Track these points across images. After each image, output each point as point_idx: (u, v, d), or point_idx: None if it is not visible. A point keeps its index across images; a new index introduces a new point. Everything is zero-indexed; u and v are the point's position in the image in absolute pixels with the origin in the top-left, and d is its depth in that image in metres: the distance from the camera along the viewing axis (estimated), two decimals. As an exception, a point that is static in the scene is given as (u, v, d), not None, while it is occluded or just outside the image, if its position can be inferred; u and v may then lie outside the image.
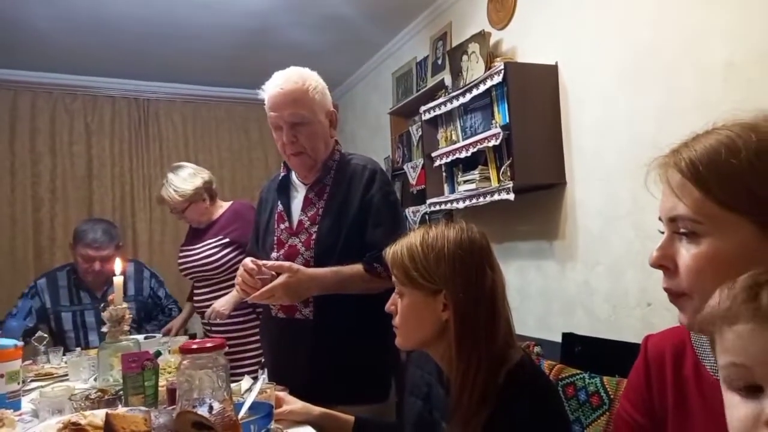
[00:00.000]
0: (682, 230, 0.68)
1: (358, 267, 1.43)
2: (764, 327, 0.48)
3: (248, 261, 1.42)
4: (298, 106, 1.48)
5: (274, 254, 1.54)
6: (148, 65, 3.80)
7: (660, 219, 0.72)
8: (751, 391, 0.49)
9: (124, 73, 3.93)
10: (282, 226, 1.57)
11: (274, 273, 1.38)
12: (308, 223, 1.52)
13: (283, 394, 1.28)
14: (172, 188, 2.36)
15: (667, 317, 1.81)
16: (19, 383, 1.42)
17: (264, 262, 1.42)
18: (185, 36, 3.32)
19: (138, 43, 3.39)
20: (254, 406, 1.10)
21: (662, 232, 0.72)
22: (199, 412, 0.71)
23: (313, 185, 1.56)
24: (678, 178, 0.67)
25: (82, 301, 2.47)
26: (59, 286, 2.48)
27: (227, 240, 2.35)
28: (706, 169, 0.65)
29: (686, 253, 0.67)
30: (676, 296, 0.70)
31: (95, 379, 1.58)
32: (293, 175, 1.64)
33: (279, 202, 1.61)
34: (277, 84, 1.51)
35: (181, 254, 2.50)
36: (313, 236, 1.49)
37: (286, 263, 1.40)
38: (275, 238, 1.57)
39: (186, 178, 2.38)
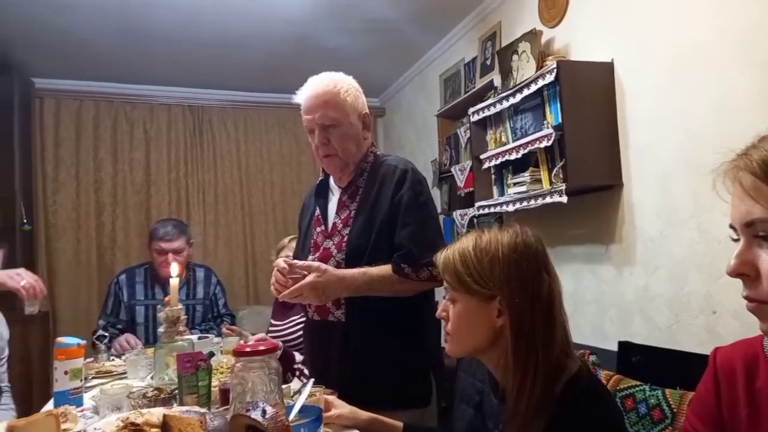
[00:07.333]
0: (761, 233, 0.65)
1: (386, 268, 1.41)
2: None
3: (280, 261, 1.43)
4: (329, 108, 1.49)
5: (311, 257, 1.55)
6: (200, 74, 3.92)
7: (731, 227, 0.69)
8: None
9: (178, 82, 4.08)
10: (318, 230, 1.58)
11: (305, 273, 1.38)
12: (341, 225, 1.52)
13: (332, 398, 1.27)
14: None
15: (734, 326, 1.71)
16: (81, 380, 1.48)
17: (295, 261, 1.43)
18: (235, 44, 3.41)
19: (190, 52, 3.51)
20: (304, 410, 1.10)
21: (735, 240, 0.69)
22: (252, 416, 0.71)
23: (346, 188, 1.56)
24: (750, 180, 0.65)
25: (156, 296, 2.59)
26: (136, 281, 2.62)
27: None
28: None
29: None
30: (757, 304, 0.66)
31: (152, 378, 1.63)
32: (331, 179, 1.65)
33: (317, 206, 1.62)
34: (309, 88, 1.53)
35: (271, 328, 2.45)
36: (345, 238, 1.49)
37: (315, 263, 1.40)
38: (312, 241, 1.59)
39: None
